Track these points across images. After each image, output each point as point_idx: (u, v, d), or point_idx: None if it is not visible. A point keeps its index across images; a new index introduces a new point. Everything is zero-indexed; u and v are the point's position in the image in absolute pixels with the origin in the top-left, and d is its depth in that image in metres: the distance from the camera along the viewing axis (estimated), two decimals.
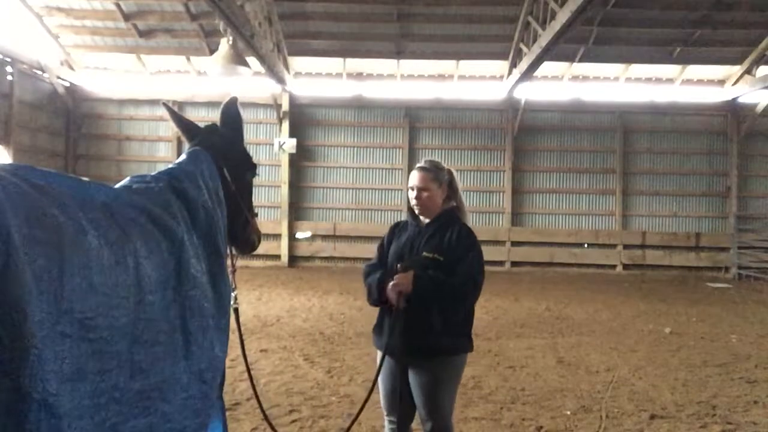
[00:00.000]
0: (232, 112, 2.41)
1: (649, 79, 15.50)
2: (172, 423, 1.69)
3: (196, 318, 1.80)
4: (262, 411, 2.68)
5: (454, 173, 3.07)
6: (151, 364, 1.61)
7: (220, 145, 2.25)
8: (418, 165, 3.10)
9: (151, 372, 1.61)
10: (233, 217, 2.22)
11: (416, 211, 3.03)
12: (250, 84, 14.73)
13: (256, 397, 2.62)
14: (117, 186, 1.83)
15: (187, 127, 2.34)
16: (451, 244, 2.84)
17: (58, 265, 1.34)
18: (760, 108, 14.79)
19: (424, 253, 2.87)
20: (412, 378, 2.91)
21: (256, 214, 2.45)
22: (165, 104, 2.46)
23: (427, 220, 3.02)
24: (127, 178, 1.92)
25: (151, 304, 1.63)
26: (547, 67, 14.13)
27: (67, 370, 1.33)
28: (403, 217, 3.29)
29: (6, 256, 1.20)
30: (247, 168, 2.42)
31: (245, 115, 11.56)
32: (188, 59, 15.03)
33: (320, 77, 15.79)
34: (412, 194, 3.02)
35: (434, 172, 2.98)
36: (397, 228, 3.22)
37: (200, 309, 1.81)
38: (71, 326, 1.36)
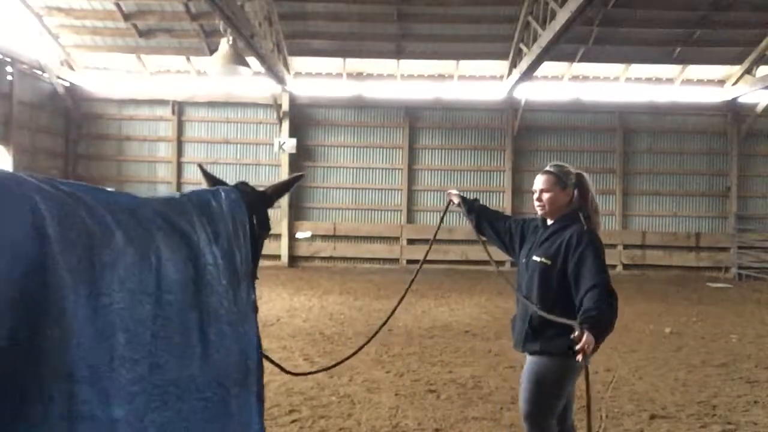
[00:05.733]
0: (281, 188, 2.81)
1: (649, 79, 15.50)
2: (188, 423, 1.75)
3: (213, 324, 1.87)
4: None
5: (585, 177, 3.07)
6: (166, 361, 1.69)
7: (252, 196, 2.46)
8: (544, 169, 3.17)
9: (167, 368, 1.69)
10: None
11: (539, 213, 3.11)
12: (250, 84, 14.74)
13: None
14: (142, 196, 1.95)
15: (218, 183, 2.61)
16: (562, 247, 2.87)
17: (89, 262, 1.48)
18: (760, 108, 14.79)
19: (534, 257, 2.98)
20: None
21: (257, 278, 2.40)
22: (200, 165, 2.82)
23: (550, 222, 3.08)
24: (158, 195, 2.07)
25: (169, 304, 1.72)
26: (547, 67, 14.13)
27: (107, 358, 1.49)
28: (404, 216, 3.37)
29: (44, 256, 1.33)
30: (265, 228, 2.53)
31: (245, 115, 11.63)
32: (188, 59, 15.02)
33: (320, 77, 15.79)
34: (535, 197, 3.10)
35: (557, 175, 3.03)
36: (530, 225, 3.29)
37: (217, 316, 1.88)
38: (107, 318, 1.52)
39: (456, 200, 3.63)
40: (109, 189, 1.77)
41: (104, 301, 1.49)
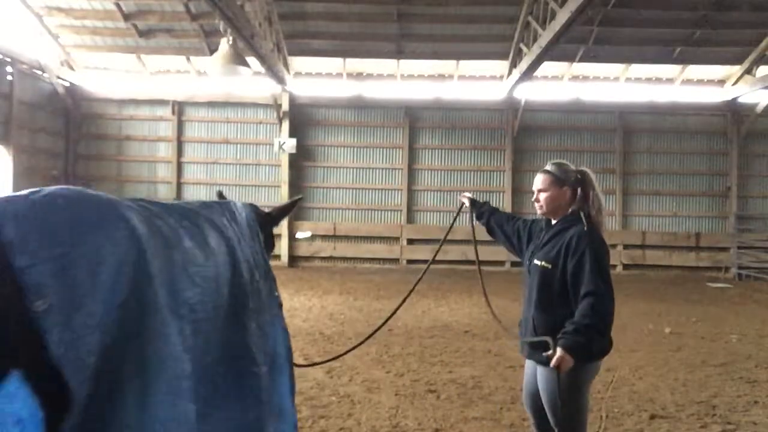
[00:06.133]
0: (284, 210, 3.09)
1: (649, 79, 15.50)
2: (226, 398, 2.05)
3: (251, 313, 2.24)
4: None
5: (587, 174, 2.97)
6: (216, 347, 2.05)
7: (261, 216, 2.76)
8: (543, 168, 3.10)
9: (214, 347, 2.06)
10: None
11: (538, 213, 3.06)
12: (250, 84, 14.74)
13: None
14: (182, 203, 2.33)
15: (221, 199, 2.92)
16: (562, 250, 2.82)
17: (170, 262, 1.84)
18: (760, 108, 14.79)
19: (535, 261, 2.95)
20: None
21: None
22: (219, 193, 3.08)
23: (553, 222, 3.04)
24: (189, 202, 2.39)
25: (222, 296, 2.08)
26: (547, 67, 14.13)
27: (186, 343, 1.80)
28: (404, 216, 3.40)
29: (144, 257, 1.69)
30: (270, 246, 2.80)
31: (245, 115, 11.65)
32: (188, 59, 15.02)
33: (320, 77, 15.79)
34: (534, 197, 3.06)
35: (554, 174, 2.96)
36: (537, 226, 3.24)
37: (243, 307, 2.23)
38: (183, 309, 1.87)
39: (467, 203, 3.62)
40: (164, 201, 2.17)
41: (181, 295, 1.84)
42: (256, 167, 15.72)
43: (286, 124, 15.31)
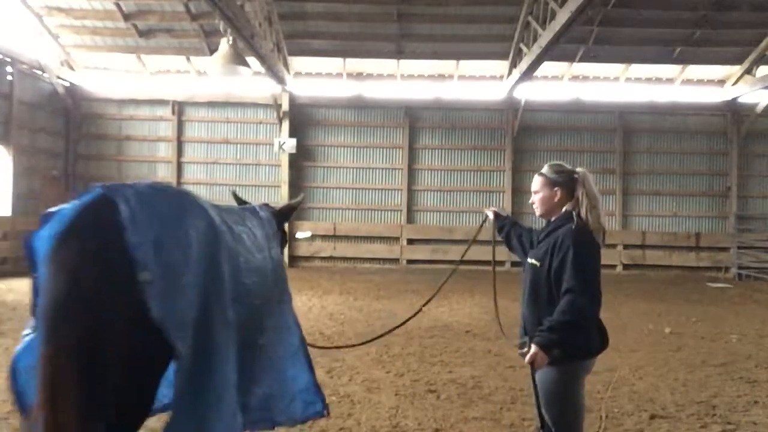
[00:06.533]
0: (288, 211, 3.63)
1: (649, 79, 15.50)
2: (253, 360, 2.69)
3: (280, 298, 2.97)
4: None
5: (581, 175, 2.99)
6: (267, 325, 2.85)
7: (275, 214, 3.33)
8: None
9: (266, 333, 2.83)
10: None
11: (536, 214, 3.15)
12: (250, 84, 14.74)
13: None
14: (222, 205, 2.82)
15: (245, 203, 3.50)
16: (550, 248, 2.87)
17: (234, 253, 2.41)
18: (760, 108, 14.79)
19: (528, 259, 3.08)
20: None
21: None
22: (234, 193, 3.65)
23: (548, 223, 3.11)
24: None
25: (268, 285, 2.74)
26: (547, 67, 14.14)
27: (239, 321, 2.34)
28: (404, 216, 3.54)
29: (218, 245, 2.25)
30: (284, 240, 3.47)
31: (245, 115, 11.70)
32: (188, 59, 15.03)
33: (320, 77, 15.79)
34: (531, 199, 3.17)
35: (547, 175, 3.02)
36: (544, 230, 3.29)
37: (281, 294, 2.99)
38: (243, 294, 2.42)
39: (492, 216, 3.68)
40: (216, 203, 2.66)
41: (240, 261, 2.47)
42: (256, 167, 15.72)
43: (286, 124, 15.31)
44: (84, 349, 1.83)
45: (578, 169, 3.03)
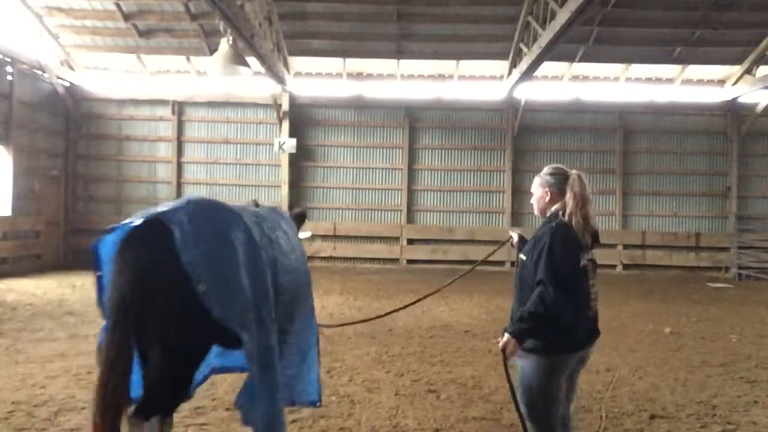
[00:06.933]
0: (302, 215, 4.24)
1: (649, 79, 15.50)
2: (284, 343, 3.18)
3: (308, 293, 3.54)
4: None
5: (572, 177, 3.06)
6: (296, 316, 3.33)
7: (294, 218, 3.97)
8: None
9: (294, 322, 3.33)
10: None
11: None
12: (250, 84, 14.74)
13: None
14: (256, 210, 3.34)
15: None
16: (534, 244, 3.03)
17: (272, 257, 2.91)
18: (760, 108, 14.78)
19: (519, 255, 3.23)
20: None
21: None
22: (254, 201, 3.83)
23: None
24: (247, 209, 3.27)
25: (300, 282, 3.30)
26: (547, 67, 14.13)
27: (277, 318, 2.85)
28: (404, 216, 3.72)
29: (258, 253, 2.76)
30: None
31: (245, 115, 11.79)
32: (188, 59, 15.02)
33: (320, 77, 15.79)
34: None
35: (541, 177, 3.19)
36: None
37: (308, 287, 3.52)
38: (278, 292, 2.88)
39: (516, 239, 3.81)
40: (253, 208, 3.27)
41: (278, 264, 2.98)
42: (256, 167, 15.71)
43: (286, 124, 15.31)
44: (136, 333, 2.50)
45: (572, 172, 3.10)
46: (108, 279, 2.58)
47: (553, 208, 3.08)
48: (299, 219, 4.04)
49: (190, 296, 2.48)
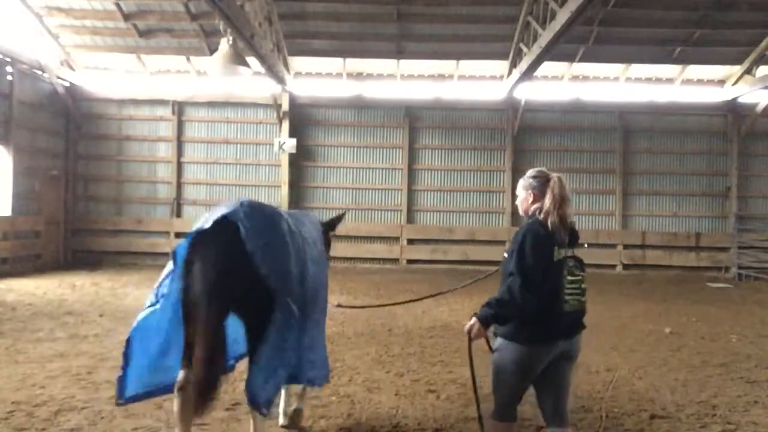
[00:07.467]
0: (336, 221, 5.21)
1: (649, 79, 15.50)
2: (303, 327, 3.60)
3: (325, 281, 4.15)
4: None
5: (554, 182, 3.19)
6: (318, 302, 3.87)
7: (323, 224, 4.73)
8: None
9: (317, 308, 3.88)
10: None
11: None
12: (250, 84, 14.74)
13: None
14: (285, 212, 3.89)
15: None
16: (512, 241, 3.24)
17: (303, 247, 3.56)
18: (760, 108, 14.78)
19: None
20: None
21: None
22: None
23: None
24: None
25: (324, 274, 4.01)
26: (547, 67, 14.13)
27: (303, 308, 3.48)
28: (404, 216, 3.81)
29: (290, 233, 3.48)
30: (329, 245, 4.76)
31: (245, 115, 11.88)
32: (188, 59, 15.02)
33: (320, 77, 15.79)
34: None
35: (525, 180, 3.35)
36: None
37: (326, 278, 4.18)
38: (306, 284, 3.49)
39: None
40: (289, 210, 4.61)
41: (307, 254, 3.62)
42: (256, 167, 15.71)
43: (286, 124, 15.31)
44: (221, 316, 3.17)
45: (553, 174, 3.26)
46: (182, 272, 3.23)
47: (533, 208, 3.25)
48: (329, 226, 4.90)
49: (255, 277, 3.16)
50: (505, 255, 3.22)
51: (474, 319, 3.08)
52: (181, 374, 3.23)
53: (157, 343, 3.42)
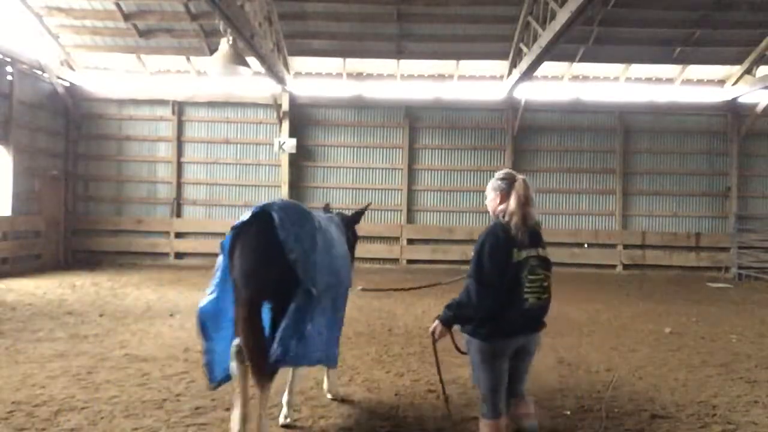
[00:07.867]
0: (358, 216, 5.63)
1: (649, 79, 15.50)
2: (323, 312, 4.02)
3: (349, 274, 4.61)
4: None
5: (519, 184, 3.30)
6: (341, 292, 4.45)
7: (346, 219, 5.36)
8: None
9: (340, 297, 4.48)
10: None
11: None
12: (250, 84, 14.75)
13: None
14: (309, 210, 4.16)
15: (326, 211, 5.22)
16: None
17: (330, 242, 4.11)
18: (760, 108, 14.78)
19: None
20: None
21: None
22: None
23: None
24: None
25: (347, 269, 4.47)
26: (547, 67, 14.14)
27: (324, 294, 3.95)
28: (404, 216, 3.87)
29: (319, 229, 3.98)
30: (355, 237, 5.49)
31: (245, 115, 11.90)
32: (188, 59, 15.03)
33: (320, 77, 15.79)
34: None
35: (494, 182, 3.47)
36: None
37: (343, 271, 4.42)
38: (332, 274, 4.02)
39: None
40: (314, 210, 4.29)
41: (333, 248, 4.12)
42: (256, 167, 15.71)
43: (286, 124, 15.31)
44: (260, 293, 3.67)
45: (518, 176, 3.37)
46: (227, 260, 3.81)
47: (500, 208, 3.36)
48: (351, 221, 5.39)
49: (286, 263, 3.61)
50: (473, 254, 3.35)
51: (437, 322, 3.30)
52: (233, 344, 3.73)
53: (233, 330, 3.87)
